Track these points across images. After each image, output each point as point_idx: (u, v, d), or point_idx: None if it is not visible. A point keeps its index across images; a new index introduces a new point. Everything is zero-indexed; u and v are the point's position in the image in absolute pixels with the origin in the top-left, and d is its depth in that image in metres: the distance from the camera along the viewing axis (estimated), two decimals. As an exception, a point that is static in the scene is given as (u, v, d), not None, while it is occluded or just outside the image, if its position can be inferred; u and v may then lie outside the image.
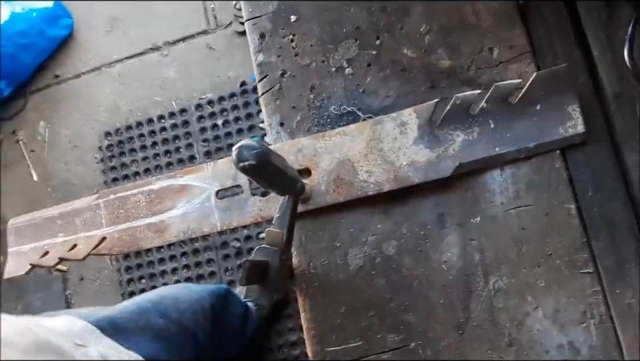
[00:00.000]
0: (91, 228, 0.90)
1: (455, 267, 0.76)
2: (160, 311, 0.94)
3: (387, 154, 0.78)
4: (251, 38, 0.89)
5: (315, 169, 0.80)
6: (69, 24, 2.13)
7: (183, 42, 2.11)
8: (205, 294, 1.10)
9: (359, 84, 0.84)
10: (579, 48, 0.78)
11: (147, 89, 2.09)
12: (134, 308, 0.91)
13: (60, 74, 2.15)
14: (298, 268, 0.80)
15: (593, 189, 0.75)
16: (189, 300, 1.03)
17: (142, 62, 2.12)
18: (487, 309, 0.74)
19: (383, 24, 0.84)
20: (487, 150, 0.76)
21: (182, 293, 1.06)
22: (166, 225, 0.86)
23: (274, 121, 0.86)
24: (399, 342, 0.76)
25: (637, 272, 0.71)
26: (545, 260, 0.74)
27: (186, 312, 0.99)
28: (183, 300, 1.02)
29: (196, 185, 0.86)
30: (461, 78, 0.81)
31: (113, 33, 2.16)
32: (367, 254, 0.79)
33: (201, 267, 1.94)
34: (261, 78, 0.88)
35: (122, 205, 0.89)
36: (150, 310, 0.93)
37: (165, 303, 0.98)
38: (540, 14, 0.80)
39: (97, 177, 2.04)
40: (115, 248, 0.89)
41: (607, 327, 0.71)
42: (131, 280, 1.97)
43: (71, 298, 2.01)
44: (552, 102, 0.75)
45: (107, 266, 2.00)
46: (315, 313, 0.79)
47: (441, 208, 0.78)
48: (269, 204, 0.82)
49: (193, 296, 1.06)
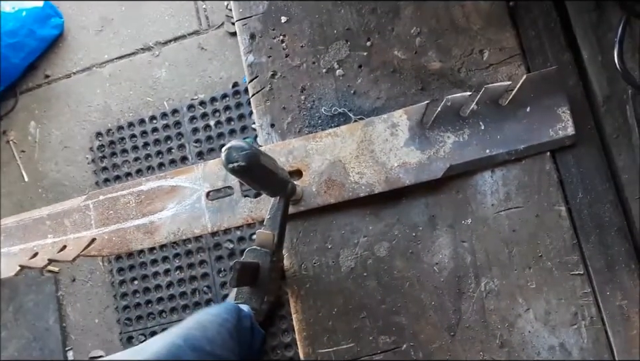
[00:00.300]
0: (80, 229, 0.89)
1: (447, 269, 0.76)
2: (192, 345, 0.94)
3: (378, 156, 0.78)
4: (241, 39, 0.89)
5: (306, 170, 0.80)
6: (59, 24, 2.12)
7: (174, 43, 2.10)
8: (225, 315, 1.11)
9: (349, 86, 0.84)
10: (568, 51, 0.78)
11: (138, 89, 2.08)
12: (165, 350, 0.91)
13: (50, 74, 2.14)
14: (289, 269, 0.80)
15: (583, 191, 0.75)
16: (214, 325, 1.04)
17: (133, 62, 2.11)
18: (478, 310, 0.74)
19: (373, 26, 0.84)
20: (477, 151, 0.76)
21: (205, 320, 1.07)
22: (156, 226, 0.86)
23: (265, 122, 0.86)
24: (391, 344, 0.76)
25: (627, 274, 0.71)
26: (535, 262, 0.74)
27: (215, 339, 1.00)
28: (209, 328, 1.03)
29: (186, 186, 0.86)
30: (452, 80, 0.81)
31: (104, 33, 2.15)
32: (358, 256, 0.79)
33: (194, 268, 1.94)
34: (252, 79, 0.87)
35: (112, 206, 0.88)
36: (182, 346, 0.93)
37: (194, 334, 0.99)
38: (530, 17, 0.80)
39: (88, 178, 2.03)
40: (104, 250, 0.89)
41: (598, 328, 0.71)
42: (123, 282, 1.96)
43: (63, 300, 2.00)
44: (542, 104, 0.75)
45: (99, 268, 1.99)
46: (307, 315, 0.78)
47: (432, 209, 0.78)
48: (259, 205, 0.82)
49: (217, 320, 1.07)
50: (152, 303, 1.95)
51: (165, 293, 1.95)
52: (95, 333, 1.96)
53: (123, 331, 1.95)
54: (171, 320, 1.92)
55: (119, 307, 1.95)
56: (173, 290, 1.94)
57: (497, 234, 0.76)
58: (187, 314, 1.90)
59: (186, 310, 1.92)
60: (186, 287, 1.93)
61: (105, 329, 1.95)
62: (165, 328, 1.91)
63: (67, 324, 1.98)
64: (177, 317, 1.92)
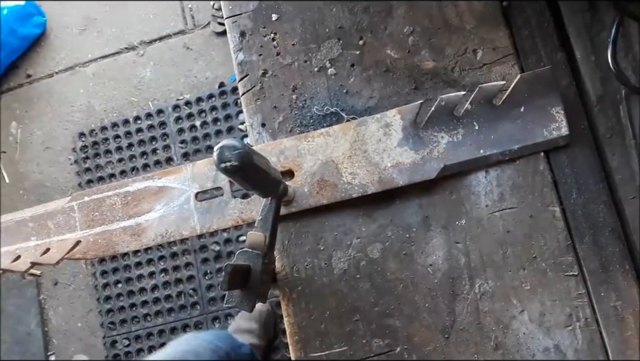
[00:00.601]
0: (64, 231, 0.87)
1: (441, 270, 0.75)
2: None
3: (372, 156, 0.77)
4: (231, 37, 0.87)
5: (297, 171, 0.79)
6: (41, 23, 2.08)
7: (159, 42, 2.07)
8: (216, 341, 1.11)
9: (342, 85, 0.82)
10: (562, 51, 0.78)
11: (122, 89, 2.05)
12: None
13: (32, 73, 2.10)
14: (281, 272, 0.79)
15: (577, 191, 0.75)
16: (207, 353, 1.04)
17: (117, 62, 2.08)
18: (472, 312, 0.73)
19: (366, 25, 0.83)
20: (471, 152, 0.76)
21: (198, 345, 1.07)
22: (143, 228, 0.84)
23: (255, 122, 0.84)
24: (384, 347, 0.75)
25: (621, 275, 0.71)
26: (530, 263, 0.73)
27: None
28: (203, 353, 1.02)
29: (174, 187, 0.84)
30: (445, 80, 0.80)
31: (88, 32, 2.12)
32: (351, 258, 0.77)
33: (179, 271, 1.91)
34: (242, 78, 0.86)
35: (97, 208, 0.86)
36: None
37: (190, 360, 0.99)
38: (523, 17, 0.80)
39: (71, 179, 1.99)
40: (89, 252, 0.86)
41: (593, 330, 0.71)
42: (107, 285, 1.93)
43: (45, 303, 1.96)
44: (536, 104, 0.75)
45: (82, 271, 1.95)
46: (299, 318, 0.77)
47: (426, 210, 0.77)
48: (250, 206, 0.80)
49: (209, 346, 1.07)
50: (136, 306, 1.92)
51: (150, 296, 1.92)
52: (77, 337, 1.92)
53: (106, 335, 1.92)
54: (156, 323, 1.89)
55: (103, 310, 1.92)
56: (158, 293, 1.92)
57: (491, 235, 0.75)
58: (172, 317, 1.88)
59: (171, 313, 1.89)
60: (171, 290, 1.91)
61: (88, 333, 1.92)
62: (150, 331, 1.88)
63: (49, 328, 1.94)
64: (162, 320, 1.89)
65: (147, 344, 1.87)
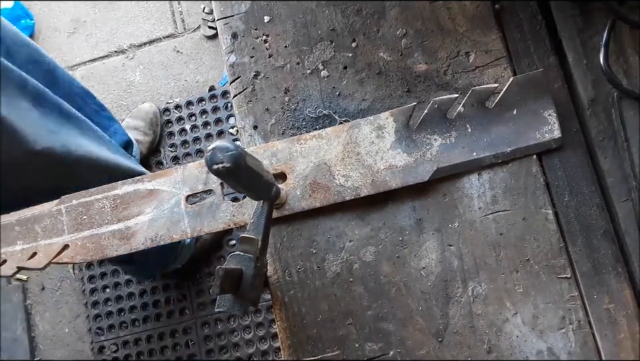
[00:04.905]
0: (51, 235, 0.85)
1: (434, 273, 0.75)
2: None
3: (364, 158, 0.77)
4: (222, 39, 0.86)
5: (290, 173, 0.78)
6: (29, 26, 2.06)
7: (149, 46, 2.06)
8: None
9: (334, 87, 0.82)
10: (554, 54, 0.78)
11: (111, 93, 2.03)
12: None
13: (20, 76, 2.07)
14: (273, 275, 0.78)
15: (569, 194, 0.75)
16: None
17: (106, 65, 2.07)
18: (466, 315, 0.73)
19: (358, 27, 0.83)
20: (464, 154, 0.76)
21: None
22: (132, 232, 0.82)
23: (247, 124, 0.83)
24: (377, 351, 0.74)
25: (613, 277, 0.71)
26: (523, 266, 0.73)
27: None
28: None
29: (165, 190, 0.83)
30: (438, 83, 0.80)
31: (76, 35, 2.10)
32: (344, 261, 0.77)
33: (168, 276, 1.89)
34: (233, 80, 0.85)
35: (85, 211, 0.85)
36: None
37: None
38: (515, 20, 0.80)
39: (59, 183, 1.97)
40: (77, 256, 0.85)
41: (586, 332, 0.70)
42: (95, 290, 1.91)
43: (32, 309, 1.93)
44: (528, 107, 0.75)
45: (69, 275, 1.93)
46: (291, 322, 0.76)
47: (419, 213, 0.76)
48: (242, 209, 0.79)
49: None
50: (124, 311, 1.90)
51: (138, 301, 1.90)
52: (65, 343, 1.89)
53: (94, 340, 1.89)
54: (145, 328, 1.87)
55: (90, 316, 1.90)
56: (146, 298, 1.90)
57: (484, 237, 0.75)
58: (161, 323, 1.86)
59: (159, 319, 1.87)
60: (160, 295, 1.89)
61: (76, 339, 1.89)
62: (138, 337, 1.86)
63: (36, 333, 1.91)
64: (150, 326, 1.87)
65: (135, 349, 1.85)
